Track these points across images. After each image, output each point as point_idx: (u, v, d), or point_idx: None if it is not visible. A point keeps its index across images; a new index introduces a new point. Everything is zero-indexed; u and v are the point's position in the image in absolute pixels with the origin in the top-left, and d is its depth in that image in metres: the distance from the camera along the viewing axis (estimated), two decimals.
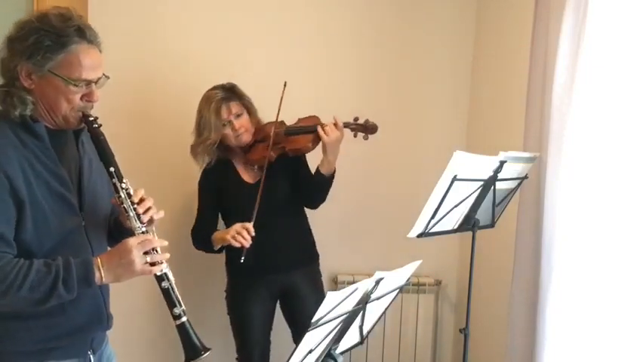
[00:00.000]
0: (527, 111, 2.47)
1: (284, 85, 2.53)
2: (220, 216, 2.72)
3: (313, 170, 2.65)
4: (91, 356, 1.73)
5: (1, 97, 1.57)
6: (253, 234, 2.39)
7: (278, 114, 2.57)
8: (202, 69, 3.06)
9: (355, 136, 2.61)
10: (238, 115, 2.58)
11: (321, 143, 2.54)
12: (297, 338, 2.70)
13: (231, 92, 2.60)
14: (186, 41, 3.07)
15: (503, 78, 3.01)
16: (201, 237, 2.62)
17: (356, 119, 2.61)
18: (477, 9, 3.30)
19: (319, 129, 2.52)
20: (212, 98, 2.55)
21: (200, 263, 2.96)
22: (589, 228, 2.13)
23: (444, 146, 2.84)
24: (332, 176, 2.60)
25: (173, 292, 1.61)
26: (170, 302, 1.60)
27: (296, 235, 2.72)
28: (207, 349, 1.61)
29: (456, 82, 3.33)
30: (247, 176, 2.67)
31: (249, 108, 2.63)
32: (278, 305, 2.77)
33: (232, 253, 2.66)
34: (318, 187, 2.63)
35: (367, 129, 2.59)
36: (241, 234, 2.38)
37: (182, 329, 1.60)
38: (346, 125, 2.57)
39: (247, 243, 2.37)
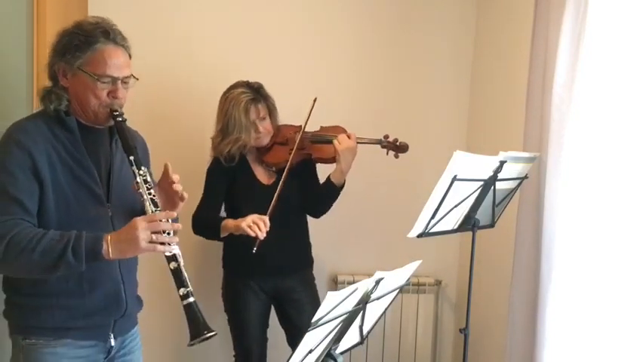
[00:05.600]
0: (527, 111, 2.47)
1: (314, 100, 2.54)
2: (224, 211, 2.70)
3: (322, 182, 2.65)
4: (112, 340, 1.82)
5: (44, 95, 1.76)
6: (269, 226, 2.39)
7: (304, 125, 2.57)
8: (203, 68, 3.06)
9: (387, 153, 2.63)
10: (263, 118, 2.57)
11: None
12: (291, 339, 2.74)
13: (258, 93, 2.56)
14: (187, 40, 3.06)
15: (503, 78, 3.01)
16: (206, 221, 2.57)
17: (386, 137, 2.63)
18: (477, 9, 3.30)
19: (335, 139, 2.54)
20: (241, 98, 2.51)
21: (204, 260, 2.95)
22: (589, 227, 2.14)
23: (444, 146, 2.84)
24: (342, 187, 2.61)
25: (181, 273, 1.66)
26: (179, 282, 1.65)
27: (297, 240, 2.73)
28: (211, 330, 1.63)
29: (457, 82, 3.33)
30: (262, 176, 2.66)
31: (272, 111, 2.61)
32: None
33: (230, 248, 2.67)
34: (325, 196, 2.65)
35: (399, 148, 2.61)
36: (258, 225, 2.38)
37: (188, 309, 1.64)
38: (377, 142, 2.61)
39: (263, 234, 2.37)
